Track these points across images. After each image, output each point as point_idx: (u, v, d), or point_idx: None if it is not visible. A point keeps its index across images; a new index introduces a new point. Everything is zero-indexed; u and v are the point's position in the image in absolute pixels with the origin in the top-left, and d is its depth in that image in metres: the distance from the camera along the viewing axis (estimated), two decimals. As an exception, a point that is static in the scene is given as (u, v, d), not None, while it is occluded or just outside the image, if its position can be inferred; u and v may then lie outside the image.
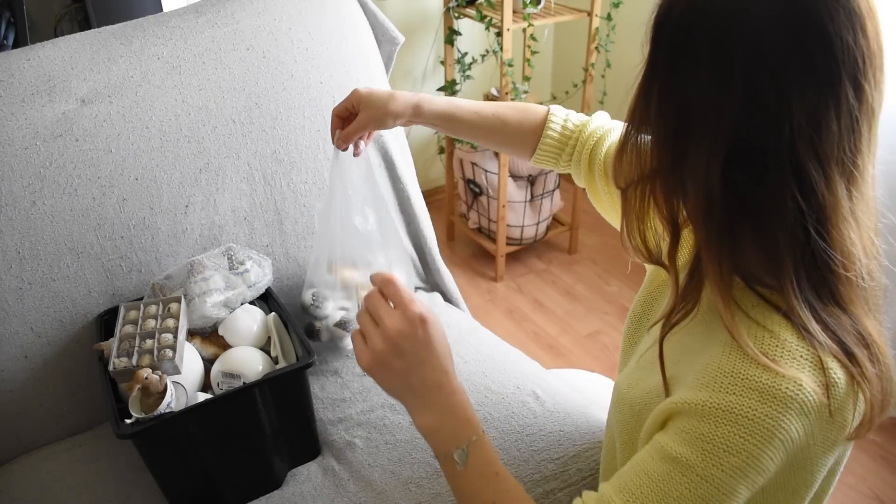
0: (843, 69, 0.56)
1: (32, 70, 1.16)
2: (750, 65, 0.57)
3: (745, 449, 0.58)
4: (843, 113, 0.58)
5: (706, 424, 0.59)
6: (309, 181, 1.31)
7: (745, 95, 0.57)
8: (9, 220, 1.10)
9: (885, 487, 1.68)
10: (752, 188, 0.59)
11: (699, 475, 0.60)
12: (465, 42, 2.51)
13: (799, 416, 0.58)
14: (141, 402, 0.93)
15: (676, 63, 0.61)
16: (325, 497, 1.02)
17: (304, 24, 1.34)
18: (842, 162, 0.59)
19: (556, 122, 1.00)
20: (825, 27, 0.55)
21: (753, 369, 0.59)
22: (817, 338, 0.60)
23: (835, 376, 0.59)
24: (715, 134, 0.59)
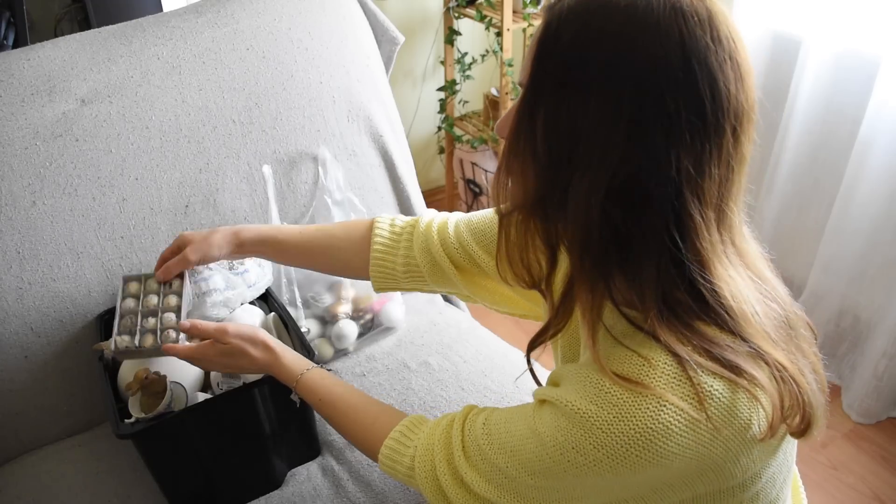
0: (727, 119, 0.58)
1: (32, 70, 1.16)
2: (640, 105, 0.57)
3: (592, 455, 0.61)
4: (723, 160, 0.59)
5: (566, 421, 0.63)
6: (309, 181, 1.31)
7: (632, 135, 0.57)
8: (9, 220, 1.10)
9: (885, 487, 1.68)
10: (628, 224, 0.60)
11: (548, 454, 0.64)
12: (465, 42, 2.51)
13: (666, 437, 0.59)
14: (141, 402, 0.93)
15: (564, 92, 0.59)
16: (325, 497, 1.02)
17: (304, 24, 1.34)
18: (718, 207, 0.61)
19: (383, 222, 0.99)
20: (716, 76, 0.57)
21: (617, 388, 0.61)
22: (685, 357, 0.60)
23: (709, 388, 0.60)
24: (599, 169, 0.59)
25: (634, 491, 0.66)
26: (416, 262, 0.95)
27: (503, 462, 0.69)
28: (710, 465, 0.62)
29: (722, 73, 0.57)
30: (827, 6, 1.68)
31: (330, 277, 1.26)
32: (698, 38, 0.56)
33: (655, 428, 0.59)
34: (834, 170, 1.79)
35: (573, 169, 0.60)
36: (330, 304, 1.27)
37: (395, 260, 0.97)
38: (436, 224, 0.95)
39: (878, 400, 1.80)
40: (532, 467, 0.66)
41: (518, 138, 0.64)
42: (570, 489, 0.66)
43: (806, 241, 1.91)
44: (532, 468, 0.66)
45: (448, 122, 2.53)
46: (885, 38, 1.59)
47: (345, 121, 1.35)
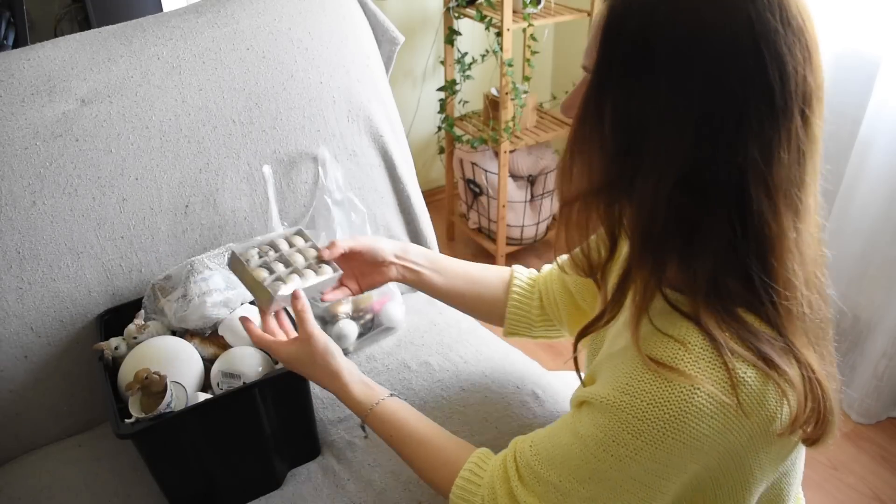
0: (795, 101, 0.58)
1: (32, 70, 1.16)
2: (711, 93, 0.56)
3: (632, 444, 0.63)
4: (793, 146, 0.59)
5: (604, 417, 0.65)
6: (309, 181, 1.31)
7: (701, 124, 0.57)
8: (9, 220, 1.10)
9: (885, 487, 1.68)
10: (694, 212, 0.60)
11: (593, 454, 0.66)
12: (465, 42, 2.51)
13: (699, 419, 0.61)
14: (141, 402, 0.93)
15: (632, 80, 0.59)
16: (325, 497, 1.02)
17: (304, 24, 1.34)
18: (788, 193, 0.60)
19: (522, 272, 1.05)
20: (784, 60, 0.56)
21: (648, 375, 0.62)
22: (722, 343, 0.61)
23: (742, 375, 0.61)
24: (668, 158, 0.59)
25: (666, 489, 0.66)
26: (554, 304, 1.01)
27: (555, 477, 0.69)
28: (732, 453, 0.63)
29: (791, 56, 0.56)
30: (827, 6, 1.68)
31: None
32: (767, 21, 0.55)
33: (688, 411, 0.60)
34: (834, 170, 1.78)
35: (641, 158, 0.60)
36: (330, 304, 1.27)
37: (532, 305, 1.04)
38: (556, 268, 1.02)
39: (878, 400, 1.80)
40: (581, 474, 0.67)
41: (584, 125, 0.63)
42: (616, 491, 0.67)
43: (806, 242, 1.91)
44: (581, 475, 0.67)
45: (448, 122, 2.53)
46: (885, 38, 1.59)
47: (345, 121, 1.35)
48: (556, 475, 0.69)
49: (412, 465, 0.86)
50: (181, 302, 1.08)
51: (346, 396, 0.89)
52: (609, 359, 0.70)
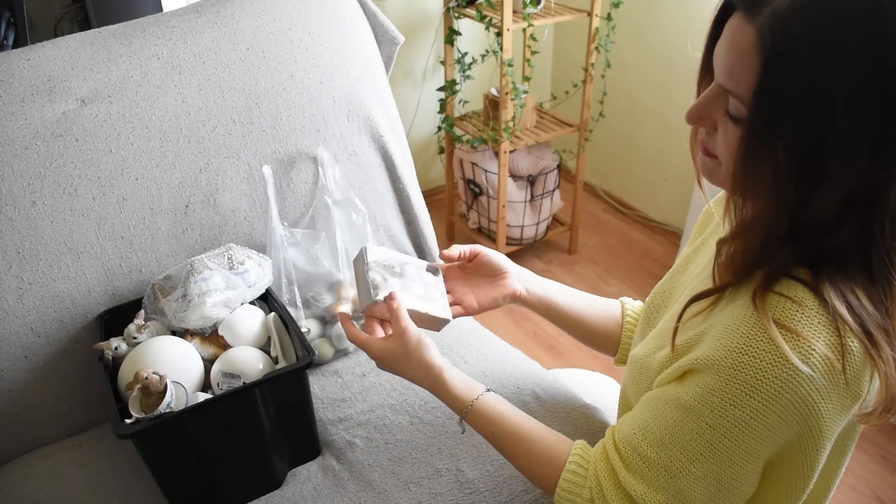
0: None
1: (32, 70, 1.16)
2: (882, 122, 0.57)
3: (749, 405, 0.63)
4: None
5: (717, 380, 0.65)
6: (309, 181, 1.31)
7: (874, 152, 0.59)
8: (9, 220, 1.10)
9: (885, 487, 1.68)
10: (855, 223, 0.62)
11: (707, 423, 0.66)
12: (465, 42, 2.51)
13: (810, 380, 0.62)
14: (141, 402, 0.93)
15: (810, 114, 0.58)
16: (325, 497, 1.02)
17: (304, 24, 1.34)
18: None
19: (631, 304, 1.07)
20: None
21: (767, 332, 0.63)
22: (838, 310, 0.62)
23: (851, 344, 0.62)
24: (841, 185, 0.60)
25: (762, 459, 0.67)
26: None
27: (665, 458, 0.69)
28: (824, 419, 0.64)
29: None
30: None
31: (331, 277, 1.26)
32: None
33: (803, 372, 0.61)
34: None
35: (816, 186, 0.61)
36: (330, 304, 1.27)
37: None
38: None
39: (878, 400, 1.80)
40: (693, 449, 0.67)
41: (752, 160, 0.63)
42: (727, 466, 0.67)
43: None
44: (694, 451, 0.67)
45: (448, 122, 2.53)
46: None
47: (345, 121, 1.35)
48: (667, 456, 0.69)
49: (514, 462, 0.85)
50: (181, 302, 1.08)
51: (445, 392, 0.86)
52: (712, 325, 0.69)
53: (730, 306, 0.69)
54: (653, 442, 0.71)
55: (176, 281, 1.11)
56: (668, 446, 0.69)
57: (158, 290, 1.11)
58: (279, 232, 1.21)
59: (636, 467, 0.72)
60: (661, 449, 0.70)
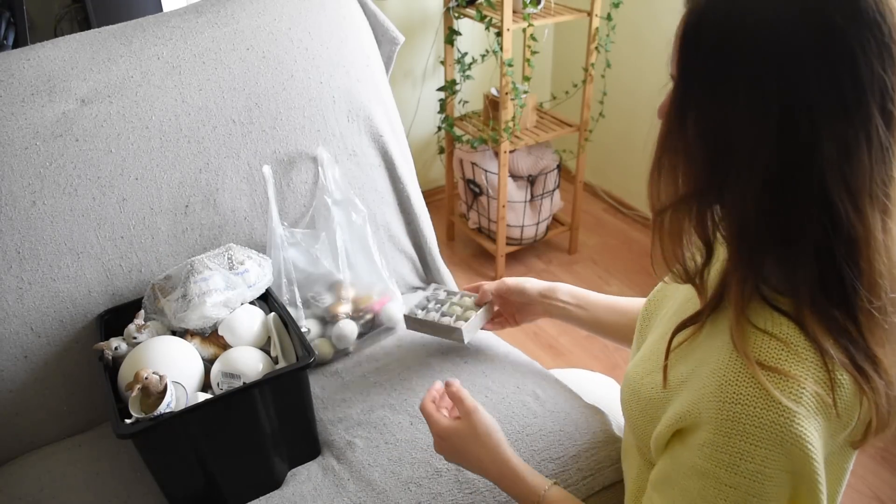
0: (872, 100, 0.57)
1: (32, 70, 1.16)
2: (785, 96, 0.57)
3: (758, 454, 0.61)
4: (875, 144, 0.57)
5: (719, 436, 0.62)
6: (309, 181, 1.31)
7: (780, 125, 0.58)
8: (9, 220, 1.10)
9: (885, 487, 1.68)
10: (783, 214, 0.60)
11: (727, 484, 0.63)
12: (465, 42, 2.51)
13: (807, 419, 0.60)
14: (141, 402, 0.93)
15: (714, 88, 0.60)
16: (326, 497, 1.02)
17: (304, 24, 1.34)
18: (874, 194, 0.59)
19: None
20: (856, 58, 0.56)
21: (754, 377, 0.61)
22: (823, 345, 0.61)
23: (840, 377, 0.61)
24: (752, 161, 0.59)
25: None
26: None
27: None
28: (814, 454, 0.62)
29: (864, 53, 0.55)
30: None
31: (330, 277, 1.26)
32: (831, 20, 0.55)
33: (797, 411, 0.60)
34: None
35: (728, 162, 0.61)
36: (330, 304, 1.27)
37: None
38: None
39: (878, 400, 1.80)
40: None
41: (670, 134, 0.65)
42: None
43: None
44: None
45: (448, 122, 2.53)
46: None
47: (345, 121, 1.35)
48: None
49: None
50: (181, 302, 1.08)
51: (515, 479, 0.85)
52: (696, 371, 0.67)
53: (713, 340, 0.67)
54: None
55: (176, 281, 1.11)
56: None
57: (158, 290, 1.11)
58: (279, 232, 1.21)
59: None
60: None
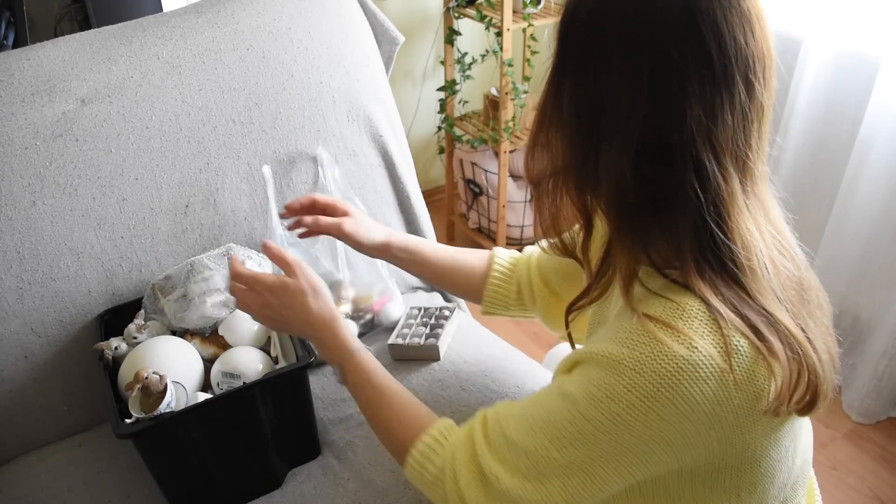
0: (735, 67, 0.61)
1: (32, 70, 1.16)
2: (655, 61, 0.60)
3: (626, 399, 0.62)
4: (736, 108, 0.62)
5: (598, 371, 0.64)
6: (309, 181, 1.31)
7: (651, 91, 0.61)
8: (9, 220, 1.10)
9: (885, 487, 1.68)
10: (658, 180, 0.63)
11: (581, 413, 0.65)
12: (465, 42, 2.51)
13: (695, 381, 0.61)
14: (141, 402, 0.93)
15: (587, 61, 0.64)
16: (326, 497, 1.02)
17: (304, 24, 1.34)
18: (735, 155, 0.63)
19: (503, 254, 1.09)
20: (720, 27, 0.60)
21: (648, 329, 0.63)
22: (718, 309, 0.62)
23: (736, 343, 0.62)
24: (626, 129, 0.62)
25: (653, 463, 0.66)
26: (530, 287, 1.04)
27: (531, 443, 0.68)
28: (717, 426, 0.63)
29: (726, 23, 0.60)
30: (827, 6, 1.68)
31: (330, 277, 1.27)
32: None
33: (686, 369, 0.61)
34: (834, 170, 1.79)
35: (602, 134, 0.63)
36: (330, 304, 1.27)
37: (510, 287, 1.06)
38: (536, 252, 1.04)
39: (878, 400, 1.80)
40: (564, 437, 0.66)
41: (545, 112, 0.68)
42: (599, 458, 0.66)
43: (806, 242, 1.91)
44: (563, 439, 0.66)
45: (448, 122, 2.53)
46: (885, 38, 1.59)
47: (345, 121, 1.35)
48: (533, 441, 0.68)
49: (377, 422, 0.85)
50: (181, 302, 1.08)
51: (335, 331, 0.87)
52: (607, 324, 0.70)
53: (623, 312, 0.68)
54: (522, 427, 0.70)
55: (176, 281, 1.11)
56: (537, 431, 0.68)
57: (158, 290, 1.11)
58: (279, 232, 1.21)
59: (498, 447, 0.71)
60: (529, 433, 0.69)
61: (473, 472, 0.73)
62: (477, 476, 0.72)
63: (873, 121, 1.63)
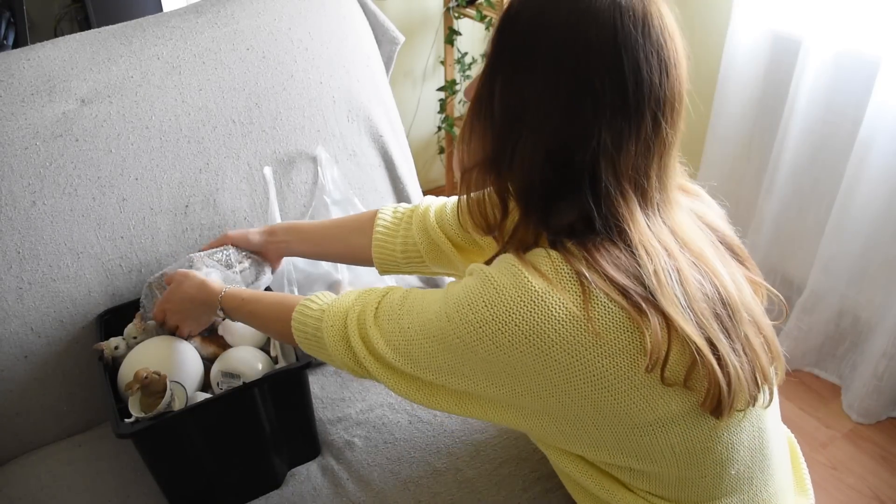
0: (647, 104, 0.67)
1: (32, 70, 1.16)
2: (576, 84, 0.66)
3: (482, 313, 0.69)
4: (641, 140, 0.68)
5: (472, 280, 0.72)
6: (309, 181, 1.31)
7: (566, 108, 0.67)
8: (9, 220, 1.10)
9: (885, 487, 1.68)
10: (558, 182, 0.70)
11: (446, 313, 0.72)
12: (465, 42, 2.51)
13: (547, 320, 0.67)
14: (141, 402, 0.93)
15: (518, 65, 0.69)
16: (325, 497, 1.02)
17: (304, 24, 1.34)
18: (634, 181, 0.70)
19: (386, 210, 1.09)
20: (640, 66, 0.66)
21: (518, 266, 0.69)
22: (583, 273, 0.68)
23: (596, 293, 0.67)
24: (540, 133, 0.68)
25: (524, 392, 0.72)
26: (414, 244, 1.04)
27: (406, 321, 0.77)
28: (598, 375, 0.68)
29: (647, 64, 0.66)
30: (827, 6, 1.68)
31: (329, 277, 1.27)
32: (629, 32, 0.65)
33: (538, 304, 0.67)
34: (834, 170, 1.79)
35: (520, 132, 0.69)
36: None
37: (395, 242, 1.06)
38: (434, 207, 1.04)
39: (878, 400, 1.80)
40: (429, 328, 0.74)
41: (479, 103, 0.73)
42: (457, 360, 0.73)
43: (806, 241, 1.91)
44: (429, 329, 0.74)
45: (448, 122, 2.53)
46: (885, 38, 1.59)
47: (345, 121, 1.35)
48: (409, 321, 0.77)
49: (263, 318, 0.95)
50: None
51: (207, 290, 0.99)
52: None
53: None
54: (406, 307, 0.78)
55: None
56: (414, 315, 0.77)
57: (157, 289, 1.11)
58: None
59: (381, 318, 0.80)
60: (408, 315, 0.77)
61: (359, 329, 0.81)
62: (361, 334, 0.81)
63: (873, 121, 1.62)
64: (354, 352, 0.81)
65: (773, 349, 0.76)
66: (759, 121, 1.96)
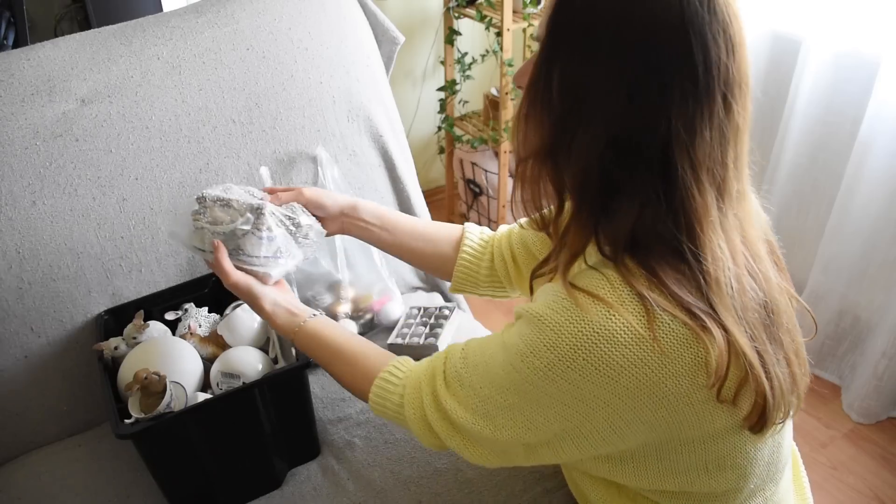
0: (717, 85, 0.63)
1: (32, 70, 1.16)
2: (641, 65, 0.63)
3: (545, 356, 0.66)
4: (715, 125, 0.64)
5: (527, 327, 0.69)
6: (309, 181, 1.31)
7: (632, 91, 0.63)
8: (9, 220, 1.10)
9: (885, 487, 1.68)
10: (621, 175, 0.66)
11: (512, 364, 0.70)
12: (465, 42, 2.51)
13: (614, 346, 0.64)
14: (141, 402, 0.93)
15: (577, 47, 0.65)
16: (325, 497, 1.02)
17: (304, 24, 1.34)
18: (712, 172, 0.65)
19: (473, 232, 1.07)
20: (709, 45, 0.62)
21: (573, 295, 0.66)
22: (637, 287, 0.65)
23: (659, 312, 0.64)
24: (601, 122, 0.65)
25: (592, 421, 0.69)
26: (496, 270, 1.04)
27: (477, 381, 0.74)
28: (661, 395, 0.65)
29: (715, 44, 0.62)
30: (827, 6, 1.68)
31: (330, 277, 1.27)
32: (696, 9, 0.62)
33: (601, 333, 0.64)
34: (834, 170, 1.79)
35: (579, 121, 0.66)
36: (330, 304, 1.27)
37: (481, 266, 1.05)
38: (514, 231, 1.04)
39: (878, 400, 1.80)
40: (501, 382, 0.72)
41: (536, 89, 0.69)
42: (533, 407, 0.70)
43: (806, 241, 1.91)
44: (501, 383, 0.72)
45: (448, 122, 2.53)
46: (885, 38, 1.59)
47: (345, 121, 1.35)
48: (479, 380, 0.74)
49: (339, 377, 0.90)
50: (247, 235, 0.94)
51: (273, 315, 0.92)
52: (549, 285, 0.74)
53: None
54: (471, 365, 0.76)
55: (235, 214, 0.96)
56: (481, 373, 0.74)
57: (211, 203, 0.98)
58: None
59: (452, 384, 0.77)
60: (475, 373, 0.75)
61: (435, 405, 0.79)
62: (437, 409, 0.78)
63: (873, 121, 1.62)
64: (437, 433, 0.79)
65: (801, 358, 0.74)
66: (759, 121, 1.95)
